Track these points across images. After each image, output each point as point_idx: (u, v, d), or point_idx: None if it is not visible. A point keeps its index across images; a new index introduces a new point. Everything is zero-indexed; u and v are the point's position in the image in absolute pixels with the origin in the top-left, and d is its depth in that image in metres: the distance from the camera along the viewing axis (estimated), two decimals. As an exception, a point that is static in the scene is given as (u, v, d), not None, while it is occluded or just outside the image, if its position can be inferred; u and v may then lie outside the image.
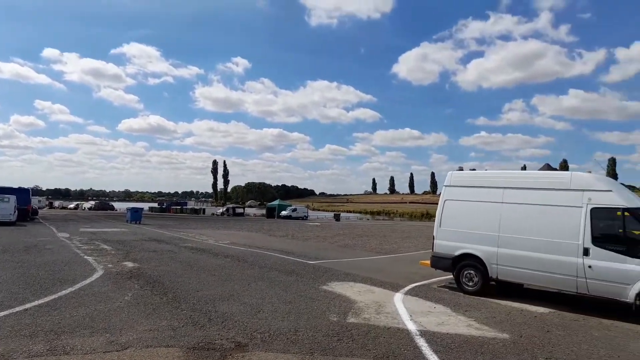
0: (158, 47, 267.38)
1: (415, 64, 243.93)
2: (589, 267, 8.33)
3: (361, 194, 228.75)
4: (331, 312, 7.71)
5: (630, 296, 7.90)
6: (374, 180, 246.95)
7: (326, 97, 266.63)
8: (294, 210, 64.50)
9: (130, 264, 12.85)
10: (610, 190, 8.62)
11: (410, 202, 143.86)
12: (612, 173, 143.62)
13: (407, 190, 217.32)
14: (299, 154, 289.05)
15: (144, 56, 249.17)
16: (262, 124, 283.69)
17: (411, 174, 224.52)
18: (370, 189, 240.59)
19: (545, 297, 9.83)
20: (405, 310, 8.07)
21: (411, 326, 7.04)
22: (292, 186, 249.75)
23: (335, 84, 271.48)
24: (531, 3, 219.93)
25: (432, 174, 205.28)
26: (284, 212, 62.81)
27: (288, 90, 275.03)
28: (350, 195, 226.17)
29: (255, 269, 12.47)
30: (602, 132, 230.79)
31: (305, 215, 64.77)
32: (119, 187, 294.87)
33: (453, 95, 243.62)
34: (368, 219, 75.17)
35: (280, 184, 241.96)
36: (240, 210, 70.16)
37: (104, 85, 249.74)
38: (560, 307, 8.87)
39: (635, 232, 8.41)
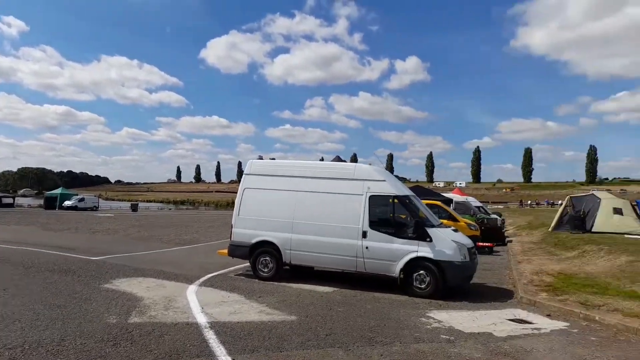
0: None
1: (225, 51, 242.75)
2: (366, 248, 9.33)
3: (164, 182, 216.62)
4: (110, 314, 6.85)
5: (396, 271, 9.13)
6: (178, 168, 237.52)
7: (125, 76, 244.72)
8: (81, 200, 56.91)
9: None
10: (384, 180, 9.80)
11: (216, 191, 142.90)
12: (389, 166, 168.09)
13: (214, 179, 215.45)
14: (90, 136, 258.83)
15: None
16: (43, 99, 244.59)
17: (218, 162, 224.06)
18: (174, 178, 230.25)
19: (332, 277, 10.67)
20: (197, 303, 7.73)
21: (201, 319, 6.75)
22: (82, 173, 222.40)
23: (136, 61, 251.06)
24: (331, 9, 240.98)
25: (239, 163, 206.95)
26: (67, 203, 54.82)
27: (77, 63, 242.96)
28: (152, 183, 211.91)
29: (19, 270, 10.41)
30: (384, 132, 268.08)
31: (95, 206, 57.86)
32: None
33: (261, 87, 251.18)
34: (170, 209, 71.64)
35: (65, 170, 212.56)
36: (8, 200, 58.53)
37: None
38: (343, 286, 9.73)
39: (402, 216, 9.76)
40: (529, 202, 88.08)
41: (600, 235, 16.94)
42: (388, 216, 9.58)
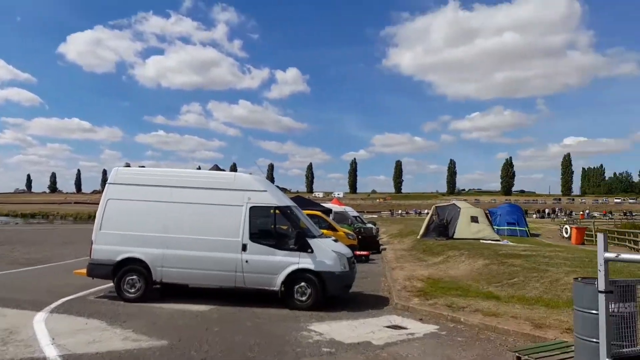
0: None
1: (88, 47, 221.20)
2: (246, 261, 8.93)
3: (11, 193, 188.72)
4: None
5: (277, 284, 8.88)
6: (29, 176, 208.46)
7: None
8: None
9: None
10: (266, 191, 9.53)
11: (75, 202, 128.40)
12: (270, 177, 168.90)
13: (73, 189, 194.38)
14: None
15: None
16: None
17: (78, 170, 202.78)
18: (23, 187, 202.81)
19: (208, 294, 10.03)
20: (46, 333, 6.61)
21: (51, 352, 5.77)
22: None
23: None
24: (210, 13, 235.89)
25: (104, 171, 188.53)
26: None
27: None
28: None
29: None
30: (264, 141, 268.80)
31: None
32: None
33: (130, 89, 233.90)
34: (17, 223, 62.57)
35: None
36: None
37: None
38: (221, 303, 9.18)
39: (283, 227, 9.57)
40: (400, 211, 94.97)
41: (461, 241, 18.68)
42: (269, 228, 9.31)
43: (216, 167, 10.83)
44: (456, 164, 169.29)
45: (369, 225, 26.35)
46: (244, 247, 9.00)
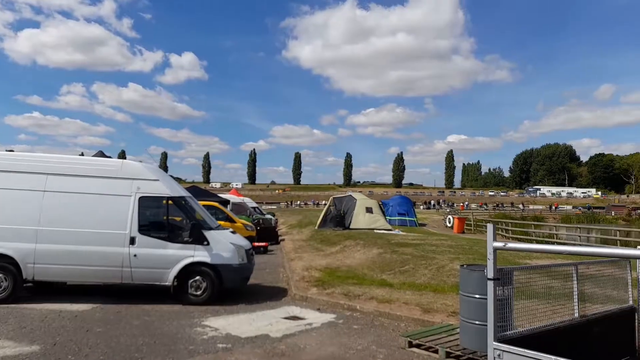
0: None
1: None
2: (135, 255, 8.26)
3: None
4: None
5: (169, 279, 8.35)
6: None
7: None
8: None
9: None
10: (158, 180, 8.88)
11: None
12: (164, 165, 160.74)
13: None
14: None
15: None
16: None
17: None
18: None
19: (90, 292, 9.14)
20: None
21: None
22: None
23: None
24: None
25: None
26: None
27: None
28: None
29: None
30: (157, 128, 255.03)
31: None
32: None
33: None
34: None
35: None
36: None
37: None
38: (105, 301, 8.42)
39: (176, 218, 9.02)
40: (298, 202, 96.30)
41: (356, 231, 19.34)
42: (161, 219, 8.72)
43: (101, 154, 9.85)
44: (352, 157, 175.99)
45: (268, 216, 26.24)
46: (132, 241, 8.31)
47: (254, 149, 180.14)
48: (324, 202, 62.14)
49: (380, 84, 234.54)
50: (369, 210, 22.07)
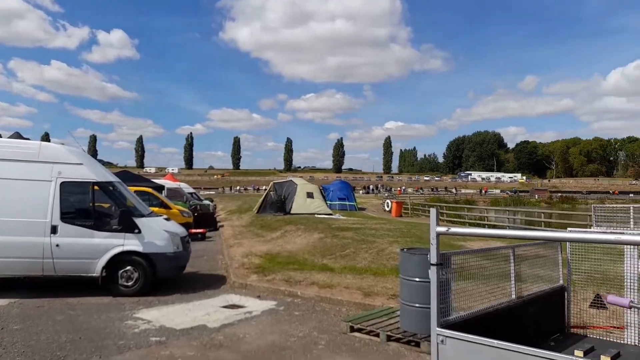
0: None
1: None
2: (57, 245, 7.61)
3: None
4: None
5: (97, 270, 7.79)
6: None
7: None
8: None
9: None
10: (82, 164, 8.20)
11: None
12: (92, 149, 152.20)
13: None
14: None
15: None
16: None
17: None
18: None
19: (9, 286, 8.34)
20: None
21: None
22: None
23: None
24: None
25: None
26: None
27: None
28: None
29: None
30: (84, 109, 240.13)
31: None
32: None
33: None
34: None
35: None
36: None
37: None
38: (24, 295, 7.72)
39: (104, 205, 8.42)
40: (238, 187, 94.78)
41: (298, 216, 19.24)
42: (87, 206, 8.07)
43: (17, 135, 8.93)
44: (293, 142, 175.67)
45: (206, 202, 25.49)
46: (54, 230, 7.64)
47: (191, 133, 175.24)
48: (264, 187, 61.52)
49: (319, 69, 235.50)
50: (309, 195, 22.01)
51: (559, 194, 72.54)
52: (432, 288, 2.73)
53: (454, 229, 2.93)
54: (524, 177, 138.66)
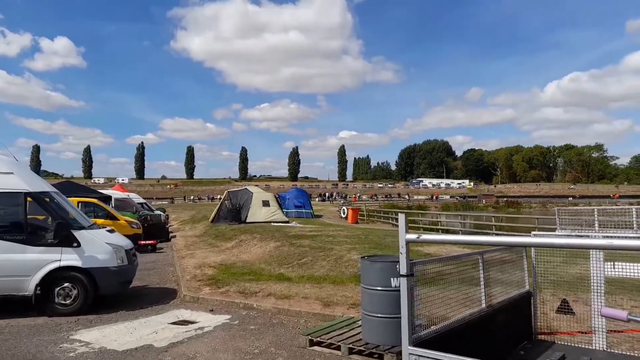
0: None
1: None
2: None
3: None
4: None
5: (29, 288, 7.07)
6: None
7: None
8: None
9: None
10: (12, 173, 7.45)
11: None
12: (36, 160, 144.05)
13: None
14: None
15: None
16: None
17: None
18: None
19: None
20: None
21: None
22: None
23: None
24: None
25: None
26: None
27: None
28: None
29: None
30: (27, 119, 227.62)
31: None
32: None
33: None
34: None
35: None
36: None
37: None
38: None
39: (38, 217, 7.70)
40: (192, 197, 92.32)
41: (253, 225, 18.72)
42: (18, 219, 7.31)
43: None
44: (248, 151, 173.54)
45: (158, 212, 24.47)
46: (-20, 244, 6.87)
47: (142, 143, 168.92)
48: (219, 196, 60.14)
49: (274, 79, 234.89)
50: (265, 203, 21.56)
51: (505, 199, 75.58)
52: (403, 302, 2.48)
53: (425, 236, 2.69)
54: (472, 183, 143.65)
